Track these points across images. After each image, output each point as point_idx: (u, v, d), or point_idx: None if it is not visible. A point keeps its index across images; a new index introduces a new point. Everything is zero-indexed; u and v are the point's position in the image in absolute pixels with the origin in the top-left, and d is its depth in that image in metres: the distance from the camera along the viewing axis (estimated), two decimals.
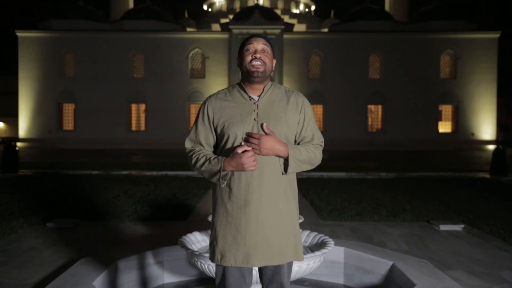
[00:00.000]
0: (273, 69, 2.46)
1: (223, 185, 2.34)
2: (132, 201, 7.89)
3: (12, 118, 39.31)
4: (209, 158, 2.32)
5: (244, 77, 2.43)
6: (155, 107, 37.00)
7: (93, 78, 36.89)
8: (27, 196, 8.60)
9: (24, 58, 36.88)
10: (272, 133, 2.29)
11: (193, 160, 2.40)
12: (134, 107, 38.20)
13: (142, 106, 37.92)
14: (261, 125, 2.29)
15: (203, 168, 2.35)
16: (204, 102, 2.48)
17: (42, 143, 36.09)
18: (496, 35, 36.69)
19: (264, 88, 2.40)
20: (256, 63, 2.33)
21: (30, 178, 12.11)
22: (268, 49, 2.39)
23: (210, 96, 2.48)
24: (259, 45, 2.38)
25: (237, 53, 2.48)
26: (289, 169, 2.32)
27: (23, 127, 36.93)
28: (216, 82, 37.17)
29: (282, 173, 2.35)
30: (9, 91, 41.03)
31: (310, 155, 2.37)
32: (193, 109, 37.75)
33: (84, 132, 36.78)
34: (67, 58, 37.67)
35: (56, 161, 18.96)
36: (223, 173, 2.28)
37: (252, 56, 2.35)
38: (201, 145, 2.43)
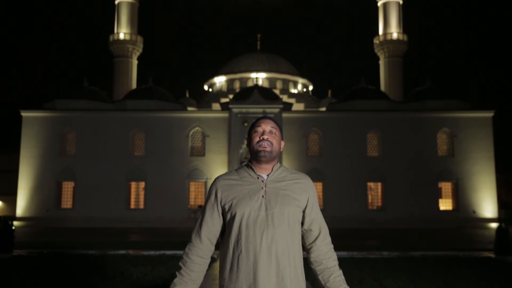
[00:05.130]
0: (281, 150, 2.54)
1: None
2: (129, 283, 7.67)
3: (10, 197, 39.15)
4: (181, 269, 2.53)
5: (252, 157, 2.50)
6: (155, 185, 36.98)
7: (93, 156, 37.17)
8: (16, 284, 8.36)
9: (27, 137, 37.39)
10: None
11: (183, 255, 2.58)
12: (133, 184, 38.18)
13: (142, 184, 37.91)
14: None
15: (179, 265, 2.56)
16: (214, 182, 2.54)
17: (39, 221, 35.64)
18: (490, 114, 37.49)
19: (273, 167, 2.46)
20: (264, 143, 2.41)
21: (25, 259, 11.84)
22: (276, 131, 2.49)
23: (218, 177, 2.55)
24: (267, 126, 2.48)
25: (247, 134, 2.59)
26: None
27: (21, 205, 36.67)
28: (216, 160, 37.44)
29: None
30: (10, 169, 41.20)
31: (336, 261, 2.59)
32: (193, 187, 37.71)
33: (82, 210, 36.47)
34: (69, 137, 38.18)
35: (53, 240, 18.64)
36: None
37: (260, 137, 2.44)
38: (201, 240, 2.49)
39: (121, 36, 51.07)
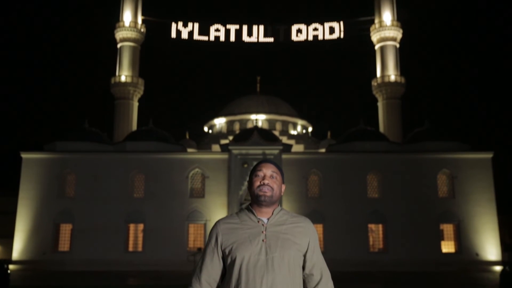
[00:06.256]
0: (282, 194, 2.53)
1: None
2: None
3: (7, 239, 38.63)
4: None
5: (253, 201, 2.50)
6: (154, 227, 36.59)
7: (92, 198, 36.94)
8: None
9: (26, 178, 37.27)
10: None
11: None
12: (132, 227, 37.79)
13: (140, 226, 37.52)
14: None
15: None
16: (214, 226, 2.53)
17: (36, 265, 35.05)
18: (489, 155, 37.55)
19: (273, 211, 2.45)
20: (264, 188, 2.41)
21: None
22: (277, 175, 2.48)
23: (219, 220, 2.54)
24: (268, 171, 2.48)
25: (248, 177, 2.57)
26: None
27: (17, 248, 36.15)
28: (215, 201, 37.22)
29: None
30: (7, 211, 40.85)
31: None
32: (192, 229, 37.33)
33: (79, 253, 35.93)
34: (69, 178, 38.09)
35: (49, 284, 18.29)
36: None
37: (260, 181, 2.43)
38: (201, 284, 2.44)
39: (123, 78, 51.76)
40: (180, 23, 52.17)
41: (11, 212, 37.76)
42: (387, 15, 52.99)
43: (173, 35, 52.04)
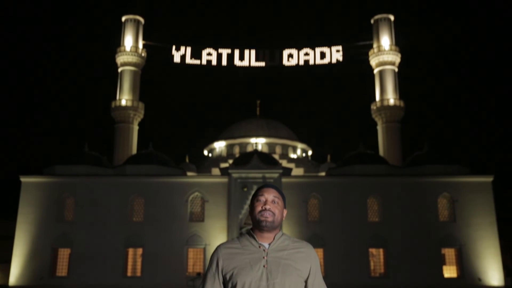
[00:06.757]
0: (283, 218, 2.50)
1: None
2: None
3: (4, 264, 38.21)
4: None
5: (254, 226, 2.48)
6: (153, 252, 36.25)
7: (91, 222, 36.69)
8: None
9: (25, 202, 37.08)
10: None
11: None
12: (131, 251, 37.43)
13: (139, 251, 37.17)
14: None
15: None
16: (215, 251, 2.50)
17: None
18: (489, 179, 37.44)
19: (274, 236, 2.42)
20: (266, 213, 2.39)
21: None
22: (278, 200, 2.47)
23: (220, 245, 2.51)
24: (270, 196, 2.47)
25: (250, 202, 2.55)
26: None
27: (15, 273, 35.73)
28: (215, 225, 36.95)
29: None
30: (7, 236, 40.51)
31: None
32: (191, 253, 36.98)
33: (77, 278, 35.49)
34: (68, 202, 37.89)
35: None
36: None
37: (262, 206, 2.41)
38: None
39: (123, 102, 52.01)
40: (174, 47, 52.72)
41: (11, 236, 37.45)
42: (385, 40, 53.58)
43: (174, 58, 52.49)
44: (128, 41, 53.91)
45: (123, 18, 55.09)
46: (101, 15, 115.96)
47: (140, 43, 54.63)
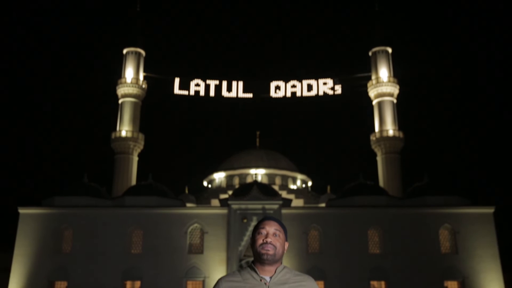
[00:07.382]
0: (285, 251, 2.48)
1: None
2: None
3: None
4: None
5: (255, 259, 2.45)
6: (151, 284, 35.69)
7: (89, 254, 36.25)
8: None
9: (22, 234, 36.72)
10: None
11: None
12: (129, 284, 36.84)
13: (137, 283, 36.59)
14: None
15: None
16: (216, 284, 2.47)
17: None
18: (490, 210, 37.21)
19: (276, 269, 2.39)
20: (267, 246, 2.36)
21: None
22: (280, 233, 2.45)
23: (221, 278, 2.47)
24: (271, 229, 2.45)
25: (251, 234, 2.53)
26: None
27: None
28: (214, 257, 36.51)
29: None
30: (3, 268, 39.96)
31: None
32: (190, 286, 36.38)
33: None
34: (66, 234, 37.54)
35: None
36: None
37: (263, 239, 2.39)
38: None
39: (123, 133, 52.13)
40: (178, 79, 53.22)
41: (9, 269, 36.94)
42: (383, 72, 54.14)
43: (175, 90, 52.96)
44: (129, 73, 54.43)
45: (125, 51, 55.76)
46: (102, 48, 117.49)
47: (141, 75, 55.16)
